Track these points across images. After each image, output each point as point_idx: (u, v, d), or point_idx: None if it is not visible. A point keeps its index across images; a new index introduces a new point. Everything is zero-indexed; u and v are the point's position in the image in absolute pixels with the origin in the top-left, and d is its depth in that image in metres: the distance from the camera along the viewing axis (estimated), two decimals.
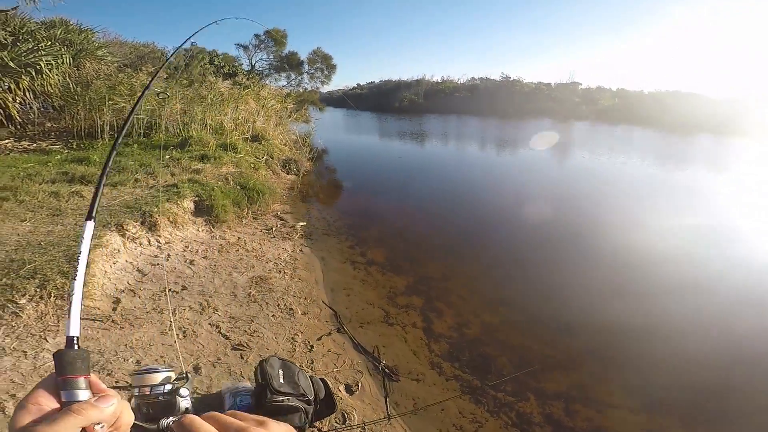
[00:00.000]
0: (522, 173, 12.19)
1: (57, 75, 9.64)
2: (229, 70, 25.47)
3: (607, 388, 3.17)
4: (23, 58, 9.01)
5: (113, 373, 2.65)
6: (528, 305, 4.43)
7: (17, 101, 9.27)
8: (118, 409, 0.44)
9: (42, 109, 11.01)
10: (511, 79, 39.50)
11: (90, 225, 0.69)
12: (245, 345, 3.15)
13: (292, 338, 3.36)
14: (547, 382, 3.18)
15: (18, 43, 9.43)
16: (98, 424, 0.42)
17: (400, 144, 17.98)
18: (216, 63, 25.95)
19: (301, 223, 6.17)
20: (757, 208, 8.39)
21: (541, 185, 10.30)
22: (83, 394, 0.43)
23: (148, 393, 0.59)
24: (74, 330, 0.51)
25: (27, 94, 9.21)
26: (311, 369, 3.02)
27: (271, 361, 2.48)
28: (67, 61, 10.10)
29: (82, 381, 0.44)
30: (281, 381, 2.35)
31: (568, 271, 5.35)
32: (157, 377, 0.58)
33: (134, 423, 0.48)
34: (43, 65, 9.21)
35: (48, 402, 0.41)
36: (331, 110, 27.41)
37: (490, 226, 7.20)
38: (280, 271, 4.54)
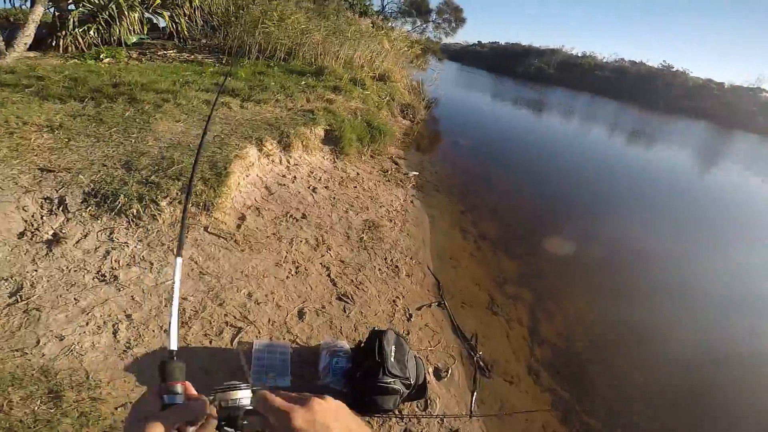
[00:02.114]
0: (664, 180, 10.21)
1: None
2: (360, 8, 25.53)
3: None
4: None
5: (224, 304, 2.62)
6: (645, 331, 3.86)
7: (186, 17, 10.24)
8: (206, 410, 0.55)
9: (201, 27, 12.10)
10: (673, 70, 33.79)
11: (179, 262, 0.78)
12: (350, 297, 3.08)
13: (394, 301, 3.24)
14: (642, 420, 2.93)
15: None
16: (190, 423, 0.53)
17: (520, 112, 16.44)
18: (349, 0, 26.19)
19: (414, 173, 5.96)
20: None
21: (689, 202, 8.56)
22: (179, 398, 0.56)
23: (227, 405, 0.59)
24: (173, 345, 0.63)
25: (196, 12, 10.01)
26: (405, 341, 2.89)
27: (389, 336, 2.37)
28: None
29: (179, 386, 0.57)
30: (393, 361, 2.27)
31: (708, 307, 4.46)
32: (237, 394, 0.58)
33: (217, 425, 0.55)
34: None
35: (154, 402, 0.54)
36: (445, 63, 26.08)
37: (623, 231, 6.12)
38: (391, 220, 4.43)
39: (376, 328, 2.52)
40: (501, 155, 8.68)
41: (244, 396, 0.57)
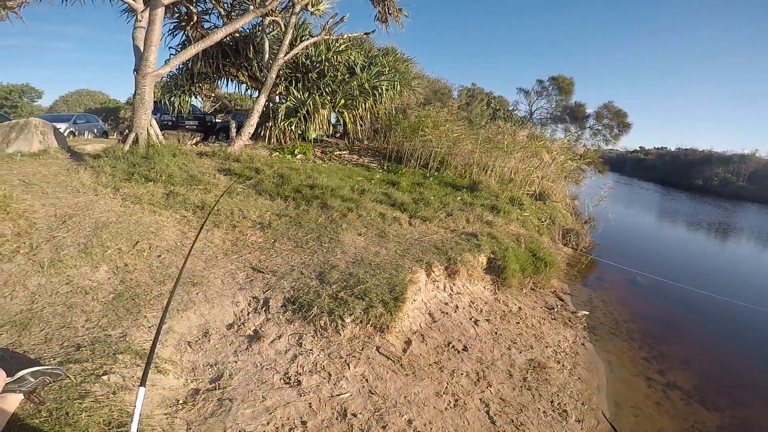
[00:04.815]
0: None
1: (386, 100, 11.27)
2: (503, 114, 25.54)
3: None
4: (373, 81, 10.94)
5: (387, 428, 2.60)
6: None
7: (359, 118, 11.62)
8: None
9: (366, 130, 13.47)
10: None
11: (142, 391, 0.85)
12: None
13: None
14: None
15: (371, 66, 11.35)
16: None
17: (707, 240, 13.59)
18: (492, 105, 26.56)
19: (584, 312, 5.26)
20: None
21: None
22: None
23: None
24: None
25: (367, 114, 11.29)
26: None
27: None
28: (397, 88, 11.49)
29: None
30: None
31: None
32: None
33: None
34: (383, 89, 10.83)
35: None
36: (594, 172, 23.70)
37: None
38: (558, 362, 3.98)
39: None
40: (689, 297, 7.13)
41: None
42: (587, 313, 5.27)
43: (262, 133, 11.51)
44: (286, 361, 3.00)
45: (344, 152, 12.18)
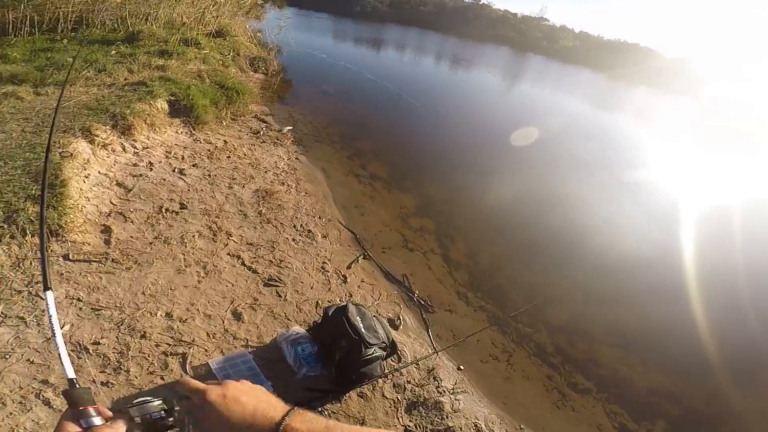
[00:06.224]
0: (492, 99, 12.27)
1: None
2: None
3: (593, 325, 3.43)
4: None
5: (147, 335, 2.15)
6: (523, 237, 4.49)
7: None
8: (127, 427, 0.55)
9: None
10: (480, 3, 39.16)
11: (50, 295, 0.73)
12: (277, 279, 2.79)
13: (322, 267, 3.06)
14: (551, 316, 3.35)
15: None
16: None
17: (368, 52, 16.51)
18: None
19: (288, 128, 5.56)
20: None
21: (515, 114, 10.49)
22: (97, 420, 0.55)
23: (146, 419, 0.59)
24: (71, 373, 0.63)
25: None
26: (364, 307, 2.81)
27: (351, 309, 2.24)
28: None
29: (92, 410, 0.56)
30: (365, 332, 2.20)
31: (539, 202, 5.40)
32: (153, 406, 0.58)
33: None
34: None
35: (74, 428, 0.53)
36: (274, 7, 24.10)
37: (464, 146, 7.14)
38: (283, 183, 4.10)
39: (332, 305, 2.39)
40: (364, 97, 8.65)
41: (158, 407, 0.58)
42: (291, 127, 5.58)
43: None
44: None
45: None
